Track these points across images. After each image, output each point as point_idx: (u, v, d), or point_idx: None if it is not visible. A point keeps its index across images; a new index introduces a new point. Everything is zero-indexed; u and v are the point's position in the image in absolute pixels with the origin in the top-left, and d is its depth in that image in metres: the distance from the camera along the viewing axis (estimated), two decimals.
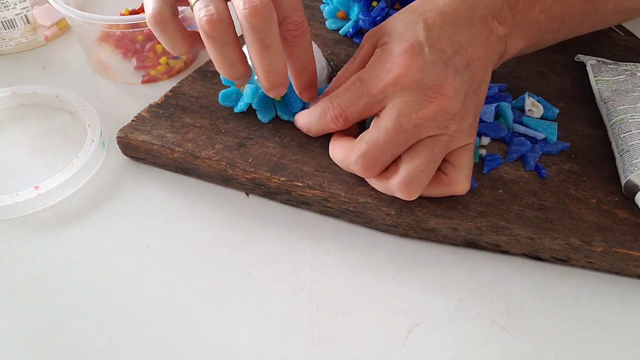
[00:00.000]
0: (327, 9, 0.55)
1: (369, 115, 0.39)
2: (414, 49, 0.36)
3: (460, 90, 0.37)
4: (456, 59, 0.37)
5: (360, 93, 0.38)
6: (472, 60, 0.37)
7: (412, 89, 0.36)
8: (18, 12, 0.54)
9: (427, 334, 0.37)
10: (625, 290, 0.39)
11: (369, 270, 0.40)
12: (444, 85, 0.36)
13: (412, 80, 0.36)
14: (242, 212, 0.43)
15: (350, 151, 0.39)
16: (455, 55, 0.37)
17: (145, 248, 0.40)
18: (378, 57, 0.38)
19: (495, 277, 0.40)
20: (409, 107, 0.36)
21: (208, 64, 0.50)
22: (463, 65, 0.37)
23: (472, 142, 0.39)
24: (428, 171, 0.37)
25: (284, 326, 0.37)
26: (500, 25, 0.39)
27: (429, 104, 0.36)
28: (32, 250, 0.40)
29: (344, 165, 0.40)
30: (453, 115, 0.37)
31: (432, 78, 0.36)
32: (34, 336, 0.36)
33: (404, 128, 0.36)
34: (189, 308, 0.37)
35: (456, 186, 0.39)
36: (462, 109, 0.37)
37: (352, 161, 0.39)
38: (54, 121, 0.49)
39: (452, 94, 0.36)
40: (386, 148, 0.37)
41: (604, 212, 0.41)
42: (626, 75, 0.49)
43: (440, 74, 0.36)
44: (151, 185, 0.44)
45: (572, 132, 0.46)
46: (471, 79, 0.37)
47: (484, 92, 0.39)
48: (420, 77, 0.36)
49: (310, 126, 0.42)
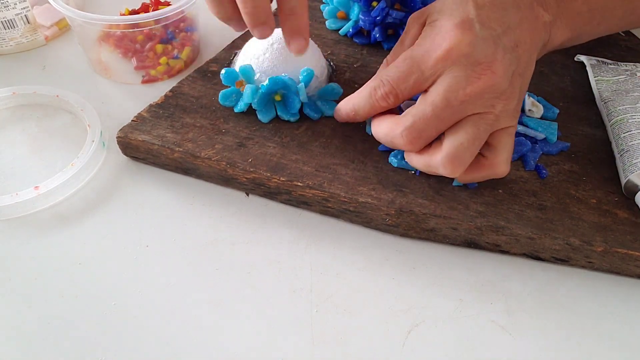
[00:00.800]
0: (327, 9, 0.55)
1: (419, 91, 0.39)
2: (464, 24, 0.37)
3: (508, 70, 0.37)
4: (505, 38, 0.37)
5: (411, 69, 0.38)
6: (519, 43, 0.37)
7: (462, 64, 0.36)
8: (18, 12, 0.54)
9: (427, 334, 0.37)
10: (625, 290, 0.39)
11: (369, 270, 0.40)
12: (494, 63, 0.36)
13: (462, 55, 0.36)
14: (242, 212, 0.43)
15: (396, 124, 0.39)
16: (504, 34, 0.37)
17: (145, 248, 0.40)
18: (427, 33, 0.38)
19: (495, 277, 0.40)
20: (457, 82, 0.36)
21: (208, 64, 0.50)
22: (511, 46, 0.37)
23: (515, 126, 0.39)
24: (472, 148, 0.38)
25: (284, 326, 0.37)
26: (546, 12, 0.39)
27: (478, 80, 0.36)
28: (32, 250, 0.40)
29: (387, 139, 0.40)
30: (500, 94, 0.37)
31: (483, 54, 0.36)
32: (34, 336, 0.36)
33: (451, 103, 0.36)
34: (189, 308, 0.37)
35: (496, 168, 0.39)
36: (509, 88, 0.37)
37: (397, 134, 0.39)
38: (54, 121, 0.49)
39: (502, 72, 0.36)
40: (432, 122, 0.37)
41: (604, 212, 0.41)
42: (626, 75, 0.49)
43: (490, 50, 0.36)
44: (151, 185, 0.44)
45: (572, 132, 0.46)
46: (518, 60, 0.37)
47: (528, 77, 0.39)
48: (470, 51, 0.36)
49: (359, 107, 0.42)
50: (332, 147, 0.44)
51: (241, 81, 0.46)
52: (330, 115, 0.46)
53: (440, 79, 0.37)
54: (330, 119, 0.46)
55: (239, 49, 0.50)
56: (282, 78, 0.44)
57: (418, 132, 0.38)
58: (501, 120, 0.37)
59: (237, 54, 0.49)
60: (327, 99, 0.46)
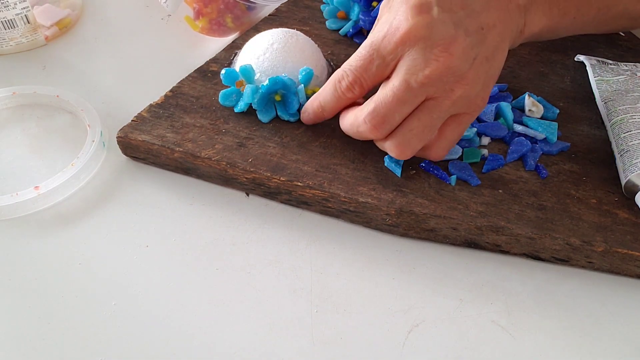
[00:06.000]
0: (327, 9, 0.55)
1: (382, 78, 0.39)
2: (422, 6, 0.36)
3: (469, 52, 0.36)
4: (467, 21, 0.37)
5: (372, 56, 0.38)
6: (486, 26, 0.37)
7: (420, 47, 0.36)
8: (18, 12, 0.54)
9: (427, 334, 0.37)
10: (625, 290, 0.39)
11: (369, 270, 0.40)
12: (452, 44, 0.36)
13: (419, 38, 0.36)
14: (242, 212, 0.43)
15: (359, 112, 0.39)
16: (466, 17, 0.37)
17: (145, 248, 0.40)
18: (386, 17, 0.38)
19: (495, 277, 0.40)
20: (416, 65, 0.36)
21: (208, 64, 0.50)
22: (474, 29, 0.37)
23: (471, 114, 0.39)
24: (422, 136, 0.38)
25: (284, 326, 0.37)
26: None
27: (436, 62, 0.36)
28: (32, 250, 0.40)
29: (353, 129, 0.40)
30: (460, 78, 0.36)
31: (440, 36, 0.36)
32: (34, 336, 0.36)
33: (411, 86, 0.36)
34: (189, 308, 0.37)
35: (431, 152, 0.40)
36: (470, 72, 0.37)
37: (361, 121, 0.39)
38: (54, 121, 0.49)
39: (460, 53, 0.36)
40: (394, 106, 0.37)
41: (604, 212, 0.41)
42: (626, 75, 0.49)
43: (449, 32, 0.36)
44: (151, 185, 0.44)
45: (572, 132, 0.46)
46: (483, 43, 0.37)
47: (498, 62, 0.38)
48: (428, 34, 0.36)
49: (325, 102, 0.42)
50: (332, 147, 0.44)
51: (241, 81, 0.46)
52: None
53: (400, 63, 0.37)
54: (330, 119, 0.46)
55: (239, 49, 0.50)
56: (282, 78, 0.44)
57: (382, 117, 0.38)
58: (458, 105, 0.37)
59: (237, 54, 0.49)
60: None
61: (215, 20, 0.55)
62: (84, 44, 0.57)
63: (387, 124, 0.38)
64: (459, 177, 0.42)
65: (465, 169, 0.42)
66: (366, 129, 0.39)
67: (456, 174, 0.42)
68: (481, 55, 0.37)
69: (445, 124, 0.39)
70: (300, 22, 0.56)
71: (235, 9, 0.55)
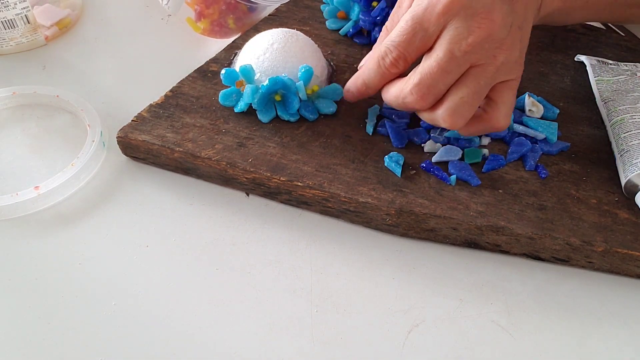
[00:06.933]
0: (327, 9, 0.55)
1: (425, 50, 0.39)
2: None
3: (507, 19, 0.37)
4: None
5: (414, 30, 0.38)
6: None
7: (462, 16, 0.37)
8: (18, 12, 0.54)
9: (427, 334, 0.37)
10: (625, 290, 0.39)
11: (369, 270, 0.40)
12: (492, 12, 0.37)
13: (461, 7, 0.37)
14: (242, 212, 0.43)
15: (404, 84, 0.40)
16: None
17: (145, 248, 0.40)
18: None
19: (495, 277, 0.40)
20: (459, 34, 0.37)
21: (208, 64, 0.50)
22: None
23: (516, 80, 0.40)
24: (473, 102, 0.38)
25: (284, 326, 0.37)
26: None
27: (478, 29, 0.37)
28: (32, 250, 0.40)
29: (399, 101, 0.41)
30: (500, 44, 0.37)
31: (481, 4, 0.37)
32: (33, 336, 0.36)
33: (455, 55, 0.37)
34: (189, 308, 0.37)
35: (495, 122, 0.40)
36: (508, 39, 0.38)
37: (407, 92, 0.39)
38: (54, 121, 0.49)
39: (500, 20, 0.37)
40: (439, 77, 0.38)
41: (604, 212, 0.41)
42: (626, 75, 0.49)
43: (488, 1, 0.37)
44: (151, 185, 0.44)
45: (572, 132, 0.46)
46: (515, 12, 0.38)
47: (527, 32, 0.40)
48: (469, 2, 0.37)
49: (369, 79, 0.42)
50: (332, 147, 0.44)
51: (241, 81, 0.46)
52: (330, 114, 0.46)
53: (443, 34, 0.38)
54: (330, 119, 0.46)
55: (239, 49, 0.50)
56: (282, 78, 0.44)
57: (427, 88, 0.38)
58: (502, 72, 0.38)
59: (237, 54, 0.49)
60: (329, 98, 0.46)
61: (217, 22, 0.55)
62: (84, 44, 0.57)
63: (432, 94, 0.39)
64: (459, 177, 0.42)
65: (465, 169, 0.42)
66: (412, 99, 0.39)
67: (456, 174, 0.42)
68: (515, 24, 0.38)
69: (498, 92, 0.40)
70: (300, 22, 0.56)
71: (237, 10, 0.55)
